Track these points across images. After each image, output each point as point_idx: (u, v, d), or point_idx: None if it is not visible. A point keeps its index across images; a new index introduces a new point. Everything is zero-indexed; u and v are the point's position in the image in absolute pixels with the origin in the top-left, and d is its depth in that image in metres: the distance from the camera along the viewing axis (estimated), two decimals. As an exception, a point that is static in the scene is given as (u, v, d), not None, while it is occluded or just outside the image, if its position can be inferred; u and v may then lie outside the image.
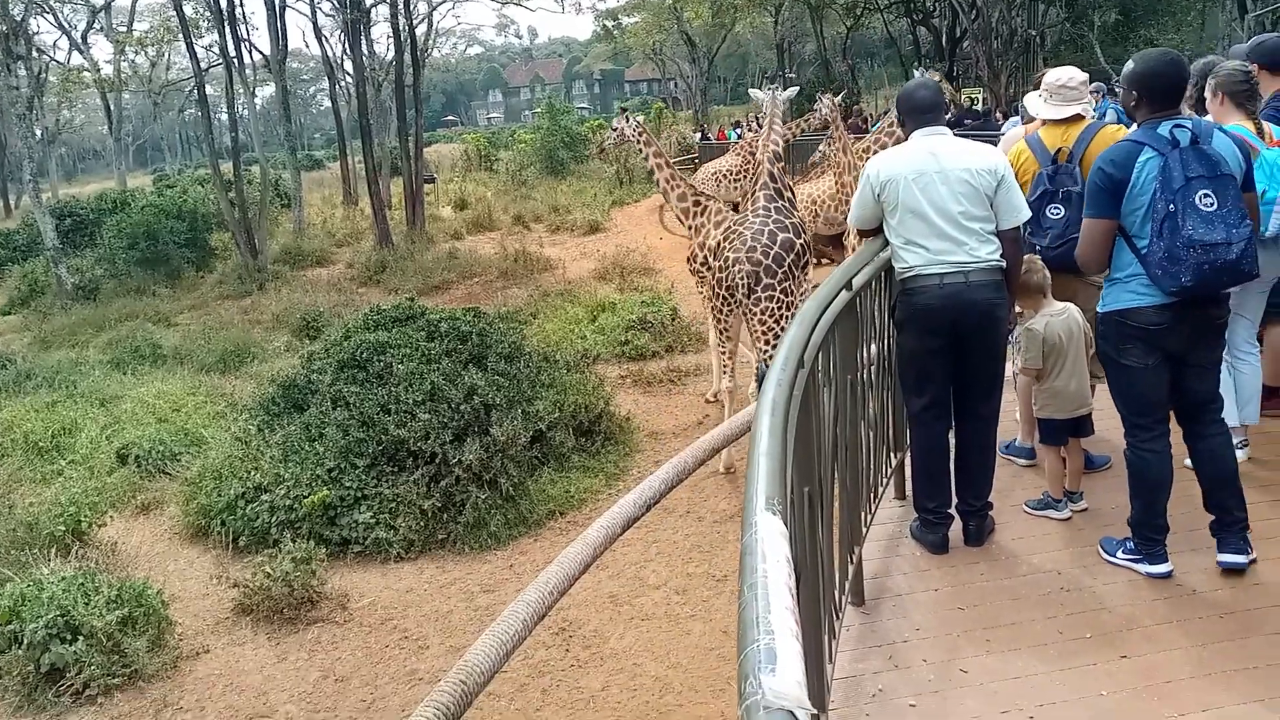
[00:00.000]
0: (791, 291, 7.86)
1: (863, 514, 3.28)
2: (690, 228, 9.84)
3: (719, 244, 8.24)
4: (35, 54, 34.61)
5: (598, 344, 12.60)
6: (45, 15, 34.68)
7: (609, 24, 51.15)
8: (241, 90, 24.06)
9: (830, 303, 2.72)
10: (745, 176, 17.99)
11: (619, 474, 8.83)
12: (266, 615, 6.78)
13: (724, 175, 18.23)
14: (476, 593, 7.06)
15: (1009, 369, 3.82)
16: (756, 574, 1.30)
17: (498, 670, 2.96)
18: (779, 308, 7.81)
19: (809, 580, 2.11)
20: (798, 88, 11.99)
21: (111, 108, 35.78)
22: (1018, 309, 3.87)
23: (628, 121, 10.66)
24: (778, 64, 44.08)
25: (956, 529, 3.68)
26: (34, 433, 10.43)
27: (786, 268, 7.77)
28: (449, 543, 7.77)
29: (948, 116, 4.55)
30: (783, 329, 7.20)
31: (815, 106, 19.22)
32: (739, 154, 18.36)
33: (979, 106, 20.32)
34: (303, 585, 6.83)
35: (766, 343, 7.74)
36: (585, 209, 25.95)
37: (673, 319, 13.44)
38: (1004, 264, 3.50)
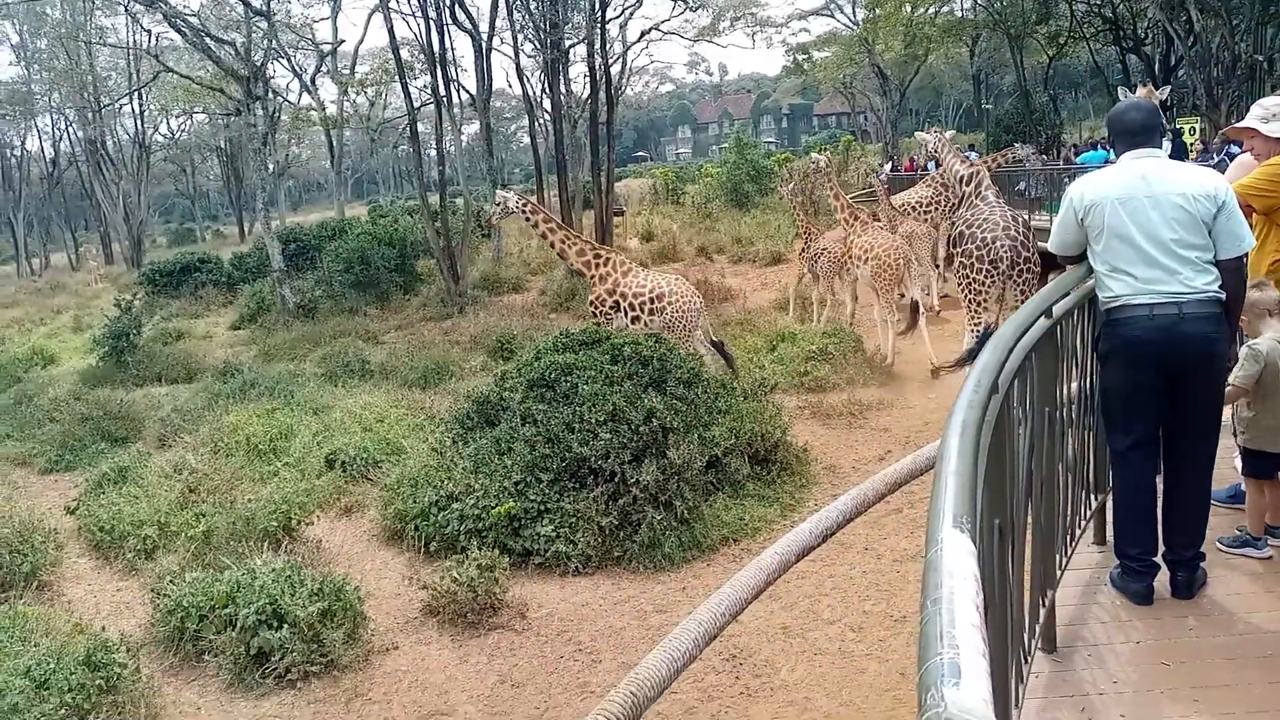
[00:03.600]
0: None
1: (1058, 556, 3.10)
2: (592, 278, 11.62)
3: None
4: (271, 95, 38.38)
5: (776, 374, 12.52)
6: (280, 60, 38.37)
7: (799, 58, 51.10)
8: (449, 127, 25.63)
9: (1027, 329, 2.61)
10: (936, 208, 17.48)
11: (794, 505, 8.72)
12: (451, 618, 7.12)
13: (913, 207, 17.76)
14: (649, 611, 7.14)
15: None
16: (941, 589, 1.26)
17: (667, 686, 2.99)
18: (1032, 283, 9.34)
19: (996, 618, 2.02)
20: (954, 130, 12.10)
21: (334, 144, 39.06)
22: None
23: (510, 193, 12.04)
24: (974, 95, 42.65)
25: (1162, 579, 3.41)
26: (255, 436, 11.44)
27: (1033, 249, 9.26)
28: (624, 560, 7.91)
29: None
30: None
31: (1012, 149, 18.69)
32: (930, 186, 17.86)
33: (1189, 139, 18.84)
34: (486, 592, 7.13)
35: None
36: (768, 240, 25.96)
37: (855, 350, 13.19)
38: (1223, 296, 3.24)
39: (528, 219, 12.54)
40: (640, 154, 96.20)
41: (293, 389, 14.15)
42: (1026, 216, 11.39)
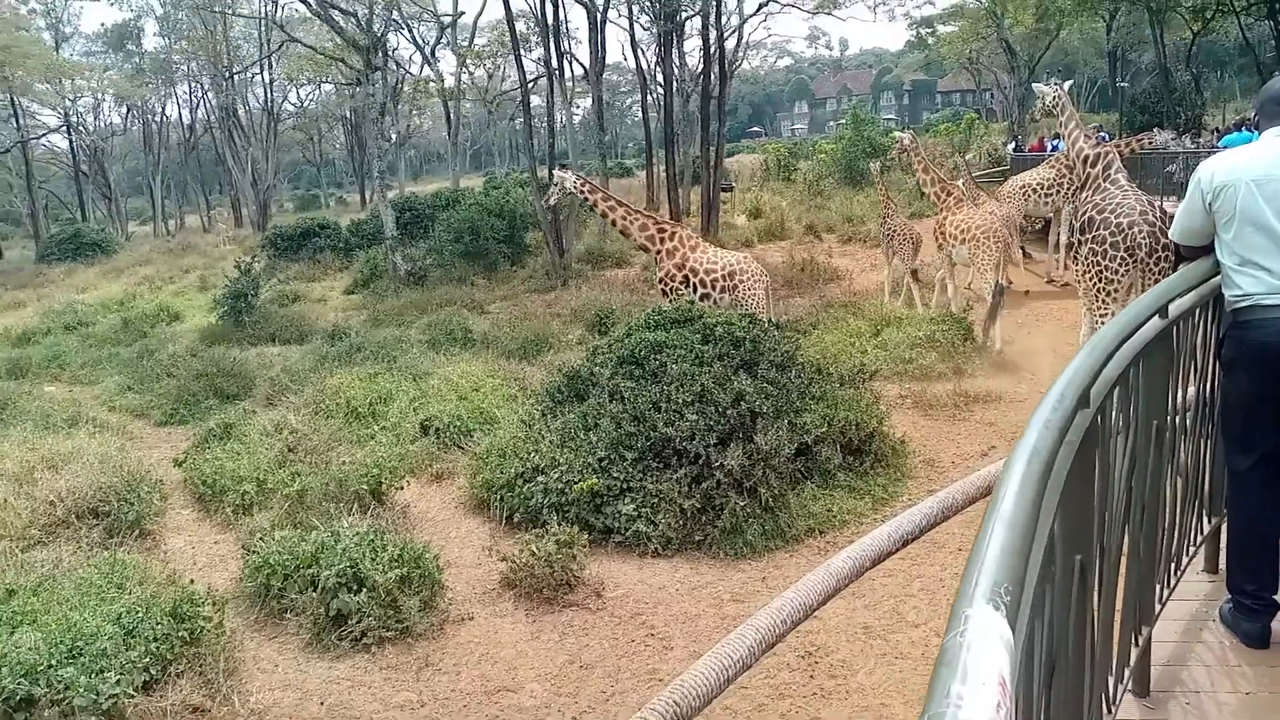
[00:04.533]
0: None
1: (1158, 587, 2.75)
2: (657, 254, 11.81)
3: (1095, 216, 9.05)
4: (393, 66, 39.27)
5: (879, 359, 12.07)
6: (401, 32, 39.18)
7: (923, 32, 49.25)
8: (560, 100, 25.67)
9: (1135, 330, 2.29)
10: (1058, 191, 16.55)
11: (887, 499, 8.35)
12: (527, 592, 7.09)
13: (1034, 189, 16.87)
14: (726, 600, 6.95)
15: None
16: (948, 701, 0.96)
17: (716, 696, 2.81)
18: (1168, 270, 8.86)
19: (1071, 668, 1.74)
20: (1071, 81, 11.22)
21: (451, 115, 39.74)
22: None
23: (568, 174, 11.65)
24: (1109, 73, 40.30)
25: None
26: (355, 399, 11.70)
27: (1167, 236, 8.99)
28: (704, 545, 7.73)
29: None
30: None
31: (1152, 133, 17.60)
32: (1053, 166, 16.90)
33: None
34: (563, 568, 7.06)
35: None
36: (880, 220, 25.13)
37: (964, 340, 12.61)
38: None
39: (585, 198, 12.47)
40: (755, 129, 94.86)
41: (396, 354, 14.43)
42: (1160, 203, 10.66)
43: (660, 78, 31.26)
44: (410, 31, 39.89)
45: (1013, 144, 31.31)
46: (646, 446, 8.18)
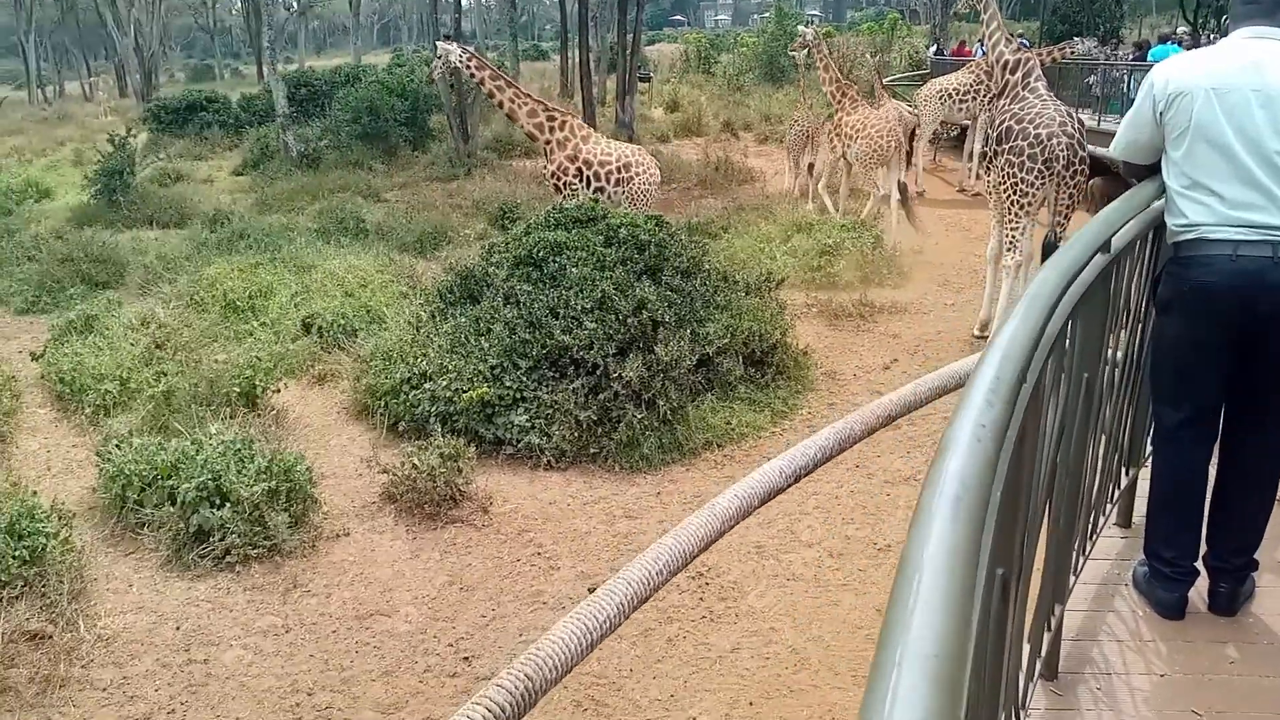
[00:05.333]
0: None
1: (1074, 556, 2.48)
2: (547, 144, 11.15)
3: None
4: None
5: (787, 266, 11.81)
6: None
7: (852, -77, 47.79)
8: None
9: (1078, 273, 1.92)
10: (975, 98, 16.29)
11: (787, 412, 8.16)
12: (409, 507, 6.69)
13: (951, 94, 16.56)
14: (618, 516, 6.69)
15: None
16: None
17: (576, 663, 2.47)
18: (1084, 185, 8.88)
19: (988, 664, 1.43)
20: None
21: (353, -16, 37.14)
22: None
23: (453, 46, 10.98)
24: (1035, -23, 39.96)
25: (1199, 589, 2.76)
26: (233, 292, 10.88)
27: (1086, 150, 8.68)
28: (600, 458, 7.42)
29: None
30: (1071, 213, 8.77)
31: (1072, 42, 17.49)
32: (972, 72, 16.57)
33: None
34: (447, 482, 6.67)
35: (1067, 216, 8.78)
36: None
37: (874, 248, 12.41)
38: None
39: (472, 75, 11.59)
40: (677, 18, 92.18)
41: (282, 243, 13.50)
42: (1088, 116, 10.51)
43: (577, -44, 29.53)
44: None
45: (934, 47, 30.87)
46: (542, 355, 7.74)
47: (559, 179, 11.30)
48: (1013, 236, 8.76)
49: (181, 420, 7.72)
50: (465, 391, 7.60)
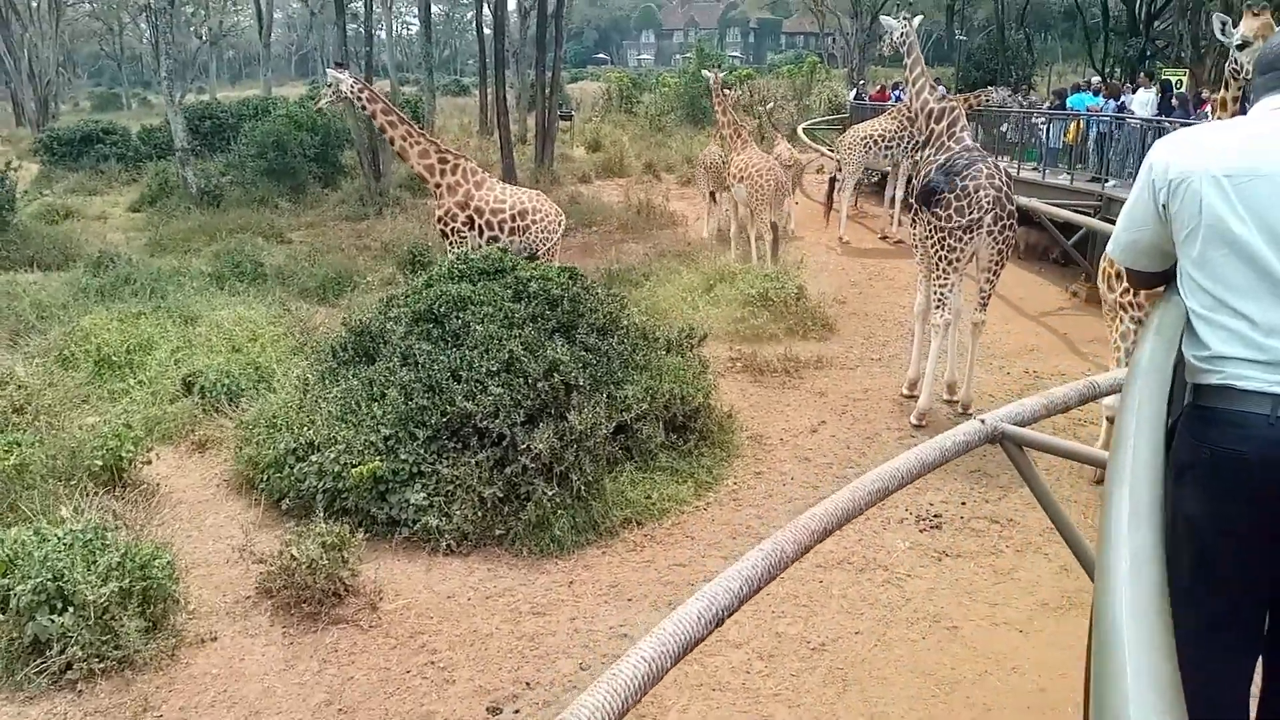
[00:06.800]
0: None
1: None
2: (436, 187, 10.56)
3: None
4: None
5: (711, 317, 11.35)
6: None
7: (772, -32, 48.60)
8: (379, 4, 23.32)
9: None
10: (898, 144, 16.22)
11: (711, 482, 7.61)
12: (286, 604, 5.90)
13: (874, 140, 16.44)
14: (525, 613, 6.00)
15: None
16: None
17: None
18: (1013, 239, 8.65)
19: None
20: (922, 15, 10.64)
21: (263, 11, 35.95)
22: None
23: (344, 75, 10.50)
24: (946, 26, 41.03)
25: None
26: (109, 345, 9.90)
27: (1014, 204, 8.48)
28: (506, 540, 6.73)
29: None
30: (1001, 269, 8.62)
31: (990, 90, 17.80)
32: (894, 118, 16.52)
33: (1180, 91, 17.67)
34: (329, 575, 5.91)
35: (996, 273, 8.60)
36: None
37: (798, 298, 12.04)
38: None
39: (363, 108, 10.99)
40: (600, 56, 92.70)
41: (170, 289, 12.53)
42: (1005, 164, 10.36)
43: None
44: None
45: (854, 91, 31.23)
46: (442, 423, 7.04)
47: (446, 225, 10.68)
48: (941, 294, 8.42)
49: (36, 499, 6.82)
50: (355, 465, 6.85)
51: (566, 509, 6.80)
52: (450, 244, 10.62)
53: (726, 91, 15.44)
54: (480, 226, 10.62)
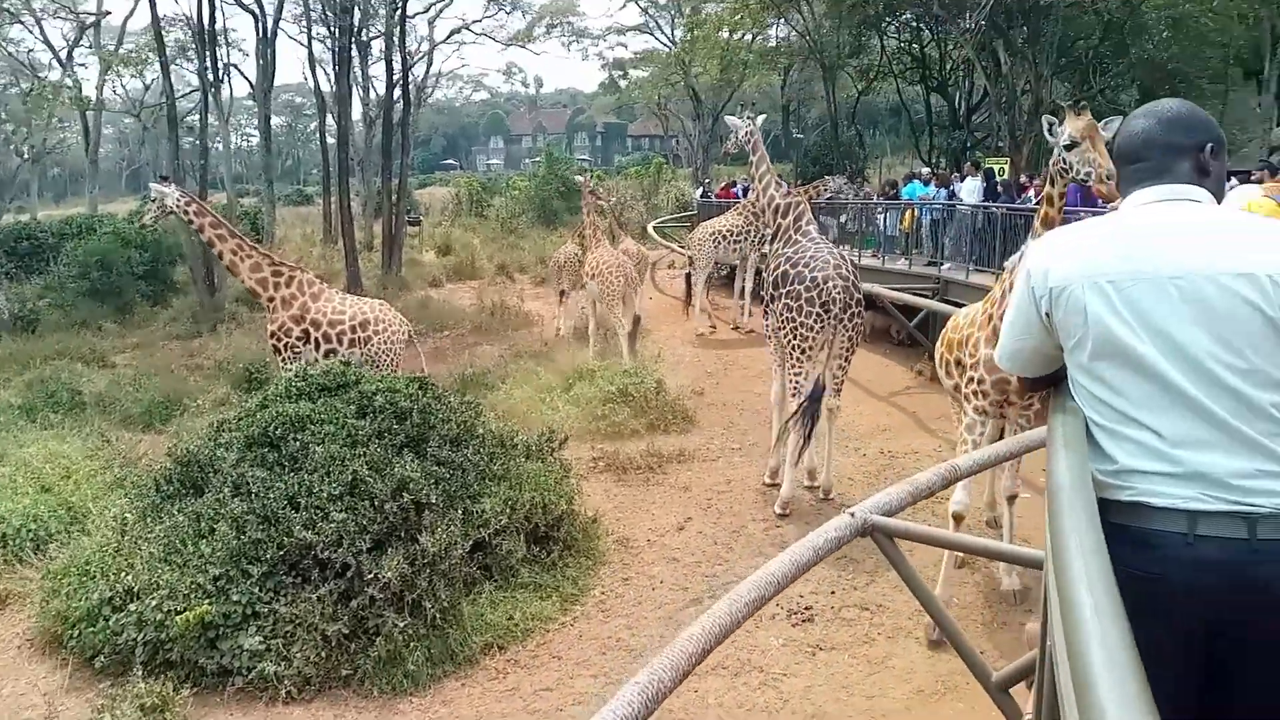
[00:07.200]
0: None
1: None
2: (270, 301, 10.24)
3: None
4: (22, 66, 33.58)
5: (571, 417, 11.10)
6: (27, 27, 33.65)
7: (615, 74, 50.52)
8: (216, 118, 22.68)
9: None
10: (745, 238, 16.69)
11: (578, 594, 7.23)
12: (96, 785, 5.13)
13: (723, 235, 16.89)
14: (382, 765, 5.43)
15: None
16: None
17: None
18: (862, 325, 8.79)
19: None
20: (764, 114, 11.00)
21: (90, 128, 34.44)
22: None
23: (170, 188, 10.46)
24: (783, 124, 43.34)
25: None
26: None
27: (860, 291, 8.60)
28: (354, 681, 6.14)
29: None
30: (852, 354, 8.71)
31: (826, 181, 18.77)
32: (741, 214, 17.04)
33: (1003, 178, 19.02)
34: (147, 747, 5.20)
35: (847, 359, 8.68)
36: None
37: (657, 393, 11.95)
38: None
39: (190, 222, 10.54)
40: (449, 161, 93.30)
41: (-27, 425, 11.32)
42: (850, 254, 10.76)
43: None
44: (40, 28, 34.26)
45: (700, 189, 32.34)
46: (279, 557, 6.45)
47: (280, 340, 10.15)
48: (796, 382, 8.47)
49: None
50: (181, 612, 6.15)
51: (420, 640, 6.29)
52: (283, 360, 10.05)
53: (596, 194, 15.88)
54: (317, 340, 10.12)
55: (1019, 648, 5.06)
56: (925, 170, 22.83)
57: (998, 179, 17.51)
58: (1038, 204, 5.94)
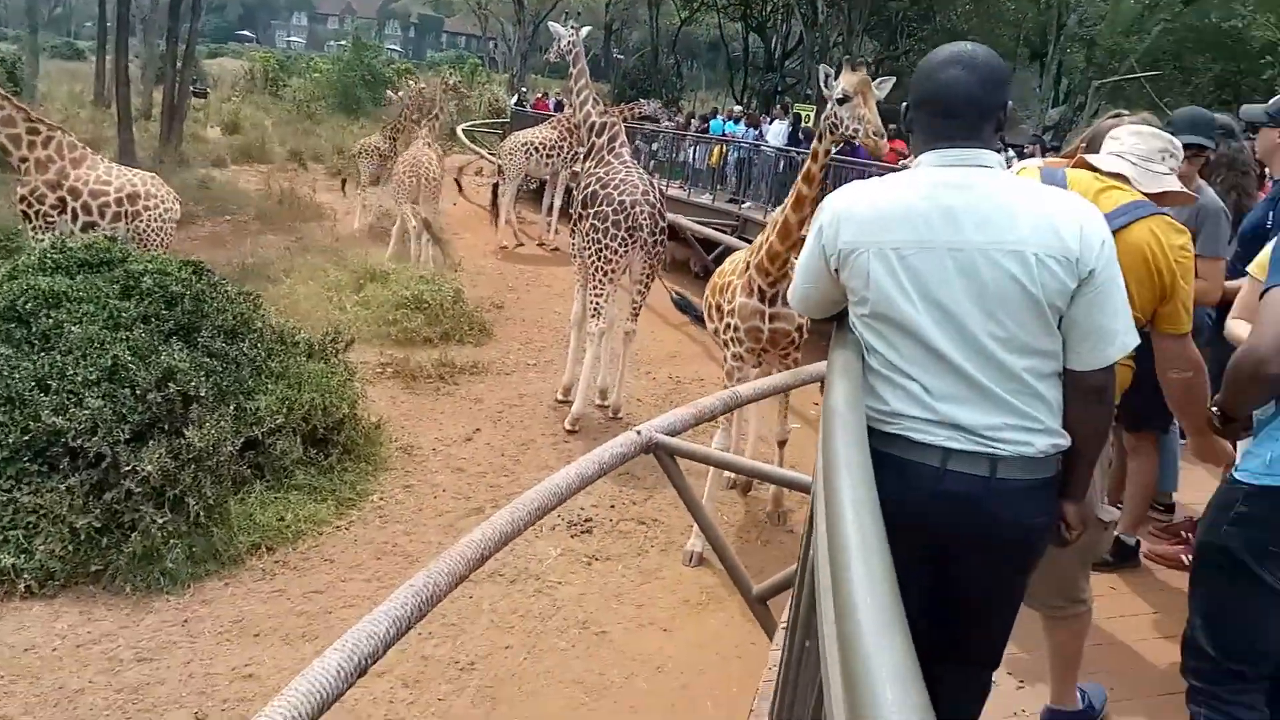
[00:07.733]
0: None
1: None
2: (22, 161, 9.14)
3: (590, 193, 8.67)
4: None
5: (359, 319, 10.72)
6: None
7: (434, -36, 47.79)
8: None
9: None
10: (559, 154, 16.49)
11: (355, 499, 7.09)
12: None
13: (536, 148, 16.59)
14: (127, 661, 5.16)
15: None
16: None
17: None
18: (663, 253, 9.08)
19: None
20: (589, 28, 10.91)
21: None
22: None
23: None
24: (604, 44, 42.81)
25: None
26: None
27: (666, 219, 8.88)
28: (105, 577, 5.77)
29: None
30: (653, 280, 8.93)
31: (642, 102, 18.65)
32: (556, 128, 16.77)
33: (808, 125, 19.79)
34: None
35: (647, 285, 8.88)
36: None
37: (454, 301, 11.74)
38: (1066, 444, 1.96)
39: None
40: (245, 33, 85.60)
41: None
42: (659, 183, 10.92)
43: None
44: None
45: (515, 97, 31.48)
46: (23, 442, 5.91)
47: (31, 207, 8.98)
48: (597, 303, 8.57)
49: None
50: (-99, 498, 5.54)
51: (181, 537, 5.97)
52: (34, 230, 9.01)
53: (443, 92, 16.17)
54: (75, 210, 9.10)
55: (776, 565, 5.48)
56: (737, 109, 23.33)
57: (802, 125, 18.16)
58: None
